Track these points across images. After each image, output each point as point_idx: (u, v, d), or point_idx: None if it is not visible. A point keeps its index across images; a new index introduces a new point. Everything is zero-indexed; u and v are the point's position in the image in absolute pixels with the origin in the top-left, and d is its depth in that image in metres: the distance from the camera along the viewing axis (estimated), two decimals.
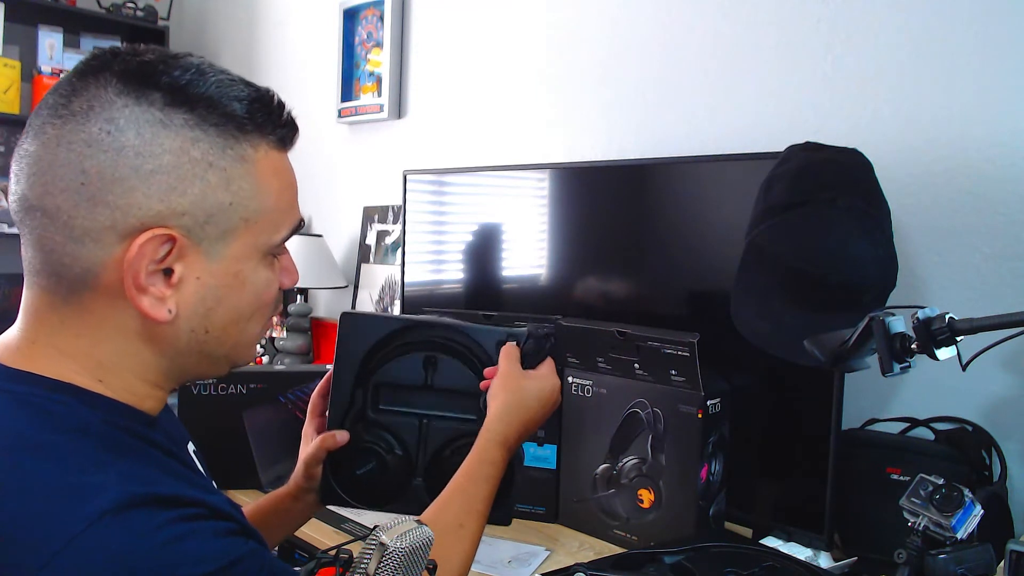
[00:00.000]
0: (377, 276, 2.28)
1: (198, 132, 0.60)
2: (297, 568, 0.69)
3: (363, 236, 2.34)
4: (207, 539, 0.55)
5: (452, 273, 1.80)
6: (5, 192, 2.80)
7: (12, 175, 0.61)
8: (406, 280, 1.84)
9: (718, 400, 1.18)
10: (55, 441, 0.55)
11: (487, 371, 1.00)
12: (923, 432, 1.27)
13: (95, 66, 0.60)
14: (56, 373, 0.60)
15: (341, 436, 1.00)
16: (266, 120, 0.63)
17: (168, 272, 0.60)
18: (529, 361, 1.00)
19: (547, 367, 1.01)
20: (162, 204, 0.58)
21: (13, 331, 0.64)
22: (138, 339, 0.62)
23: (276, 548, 1.29)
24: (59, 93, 0.59)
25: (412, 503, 0.99)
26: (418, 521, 0.62)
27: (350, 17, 2.36)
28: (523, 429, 0.96)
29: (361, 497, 1.01)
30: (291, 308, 2.30)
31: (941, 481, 0.83)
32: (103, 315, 0.60)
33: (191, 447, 0.75)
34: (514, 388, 0.97)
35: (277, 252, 0.68)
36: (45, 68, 2.82)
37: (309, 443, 1.01)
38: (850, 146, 1.08)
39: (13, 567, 0.50)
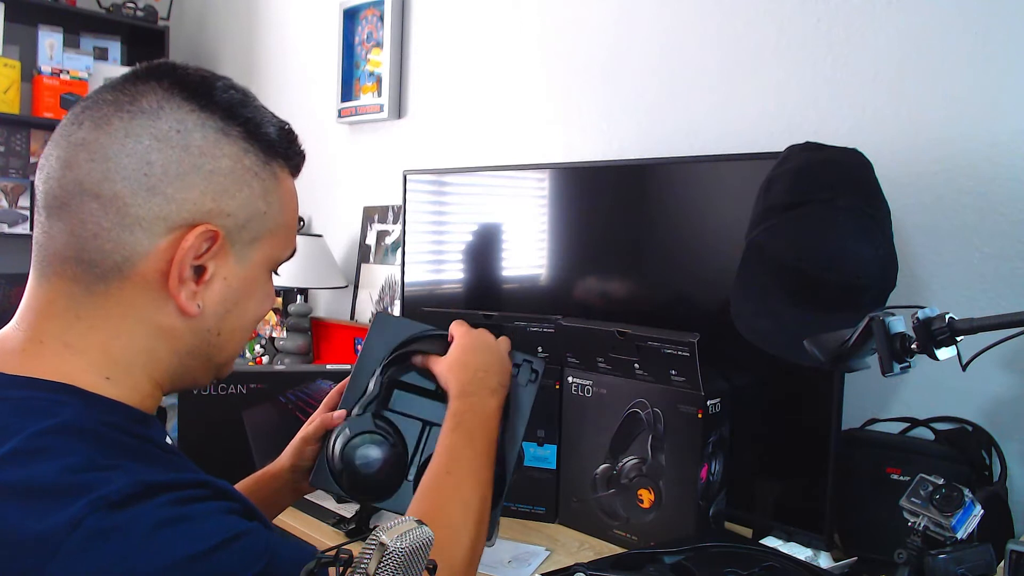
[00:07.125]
0: (377, 276, 2.28)
1: (248, 145, 0.66)
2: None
3: (363, 236, 2.34)
4: (203, 518, 0.57)
5: (452, 273, 1.80)
6: (5, 193, 2.80)
7: (57, 161, 0.62)
8: (406, 280, 1.84)
9: (718, 400, 1.18)
10: (54, 444, 0.56)
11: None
12: (923, 432, 1.27)
13: (154, 73, 0.64)
14: (60, 372, 0.61)
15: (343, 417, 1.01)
16: (289, 148, 0.70)
17: (199, 270, 0.64)
18: None
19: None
20: (214, 203, 0.64)
21: (11, 334, 0.64)
22: (156, 334, 0.65)
23: None
24: (120, 91, 0.63)
25: (399, 502, 0.98)
26: (418, 521, 0.62)
27: (350, 17, 2.37)
28: (475, 371, 0.98)
29: (350, 485, 0.99)
30: (291, 308, 2.30)
31: (941, 481, 0.83)
32: (128, 306, 0.63)
33: None
34: (465, 333, 1.02)
35: (275, 272, 0.73)
36: (45, 68, 2.82)
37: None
38: (850, 146, 1.08)
39: (19, 564, 0.52)
